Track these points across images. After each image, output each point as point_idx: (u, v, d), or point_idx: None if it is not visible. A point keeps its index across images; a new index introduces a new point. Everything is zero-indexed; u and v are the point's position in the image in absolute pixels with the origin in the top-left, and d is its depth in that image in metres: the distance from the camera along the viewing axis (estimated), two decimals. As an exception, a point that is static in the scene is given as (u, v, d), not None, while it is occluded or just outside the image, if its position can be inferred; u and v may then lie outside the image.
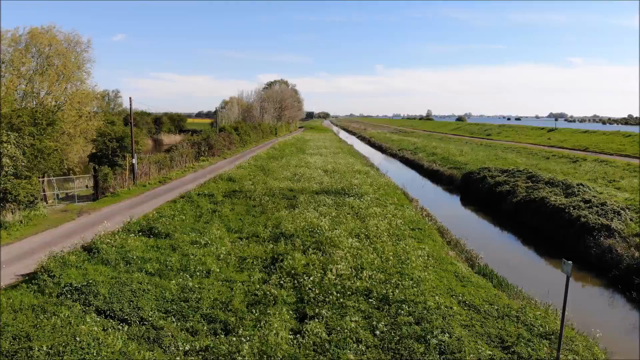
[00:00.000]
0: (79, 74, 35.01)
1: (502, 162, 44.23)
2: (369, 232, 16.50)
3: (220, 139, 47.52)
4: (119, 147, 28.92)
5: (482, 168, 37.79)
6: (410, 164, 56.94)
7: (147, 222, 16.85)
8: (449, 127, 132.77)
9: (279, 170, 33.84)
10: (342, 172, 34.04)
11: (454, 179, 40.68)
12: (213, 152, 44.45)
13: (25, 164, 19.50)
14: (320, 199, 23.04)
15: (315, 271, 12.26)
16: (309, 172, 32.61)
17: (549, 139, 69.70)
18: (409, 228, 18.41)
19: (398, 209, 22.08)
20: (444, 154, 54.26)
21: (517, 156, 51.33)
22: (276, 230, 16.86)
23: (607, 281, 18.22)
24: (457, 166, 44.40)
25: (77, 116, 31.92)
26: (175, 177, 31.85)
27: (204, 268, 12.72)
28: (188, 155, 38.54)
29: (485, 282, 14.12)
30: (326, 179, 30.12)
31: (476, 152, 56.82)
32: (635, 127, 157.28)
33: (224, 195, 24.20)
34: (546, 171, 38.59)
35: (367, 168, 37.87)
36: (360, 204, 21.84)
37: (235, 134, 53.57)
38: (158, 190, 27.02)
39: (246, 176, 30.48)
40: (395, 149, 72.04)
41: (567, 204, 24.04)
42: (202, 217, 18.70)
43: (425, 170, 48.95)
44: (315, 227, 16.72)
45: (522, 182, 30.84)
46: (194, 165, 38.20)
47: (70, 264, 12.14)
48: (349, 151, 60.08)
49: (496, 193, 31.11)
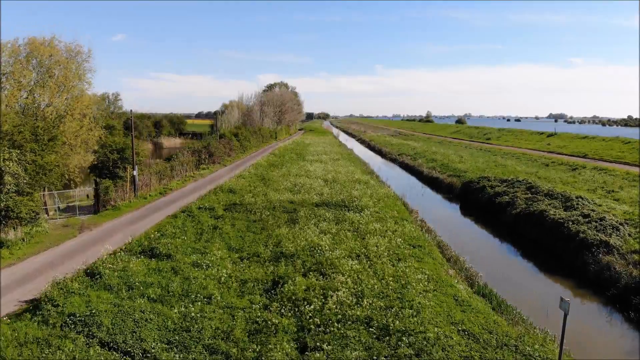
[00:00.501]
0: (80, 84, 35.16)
1: (501, 170, 44.37)
2: (369, 252, 16.61)
3: (221, 146, 47.61)
4: (120, 159, 29.02)
5: (481, 177, 37.92)
6: (410, 169, 57.08)
7: (148, 242, 16.95)
8: (449, 130, 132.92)
9: (279, 180, 33.94)
10: (342, 182, 34.15)
11: (454, 188, 40.81)
12: (214, 159, 44.55)
13: (27, 180, 19.59)
14: (320, 213, 23.15)
15: (316, 298, 12.37)
16: (309, 182, 32.71)
17: (548, 144, 69.84)
18: (409, 245, 18.52)
19: (398, 224, 22.18)
20: (443, 160, 54.40)
21: (517, 163, 51.47)
22: (277, 249, 16.96)
23: (605, 299, 18.33)
24: (456, 174, 44.54)
25: (79, 127, 32.03)
26: (176, 188, 31.95)
27: (205, 293, 12.82)
28: (189, 163, 38.64)
29: (485, 305, 14.24)
30: (326, 190, 30.22)
31: (476, 158, 56.95)
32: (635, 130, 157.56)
33: (224, 209, 24.30)
34: (545, 180, 38.75)
35: (367, 177, 37.98)
36: (360, 219, 21.94)
37: (235, 141, 53.68)
38: (159, 203, 27.11)
39: (246, 187, 30.57)
40: (395, 153, 72.19)
41: (566, 218, 24.16)
42: (203, 234, 18.80)
43: (425, 177, 49.10)
44: (315, 247, 16.83)
45: (522, 193, 30.97)
46: (195, 174, 38.30)
47: (73, 291, 12.25)
48: (349, 156, 60.21)
49: (495, 204, 31.25)
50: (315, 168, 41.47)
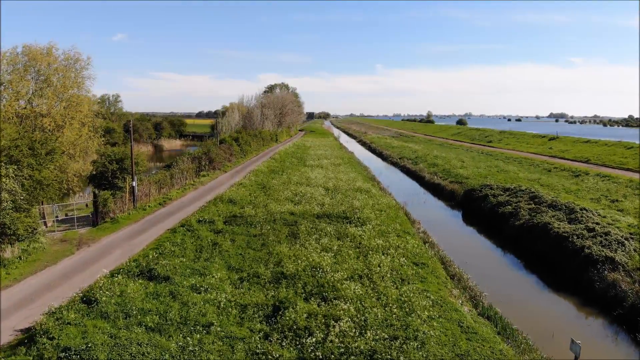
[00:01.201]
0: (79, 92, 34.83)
1: (503, 177, 44.06)
2: (371, 272, 16.30)
3: (221, 151, 47.30)
4: (119, 169, 28.72)
5: (484, 185, 37.60)
6: (412, 174, 56.78)
7: (146, 262, 16.64)
8: (450, 131, 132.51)
9: (280, 189, 33.64)
10: (343, 190, 33.85)
11: (456, 195, 40.51)
12: (214, 165, 44.25)
13: (24, 196, 19.30)
14: (321, 227, 22.86)
15: (317, 328, 12.08)
16: (310, 192, 32.41)
17: (550, 148, 69.51)
18: (413, 263, 18.22)
19: (401, 238, 21.89)
20: (445, 165, 54.06)
21: (519, 168, 51.16)
22: (277, 269, 16.66)
23: (611, 319, 18.04)
24: (458, 180, 44.23)
25: (77, 136, 31.75)
26: (175, 197, 31.65)
27: (204, 321, 12.53)
28: (189, 171, 38.35)
29: (490, 331, 13.95)
30: (327, 200, 29.93)
31: (477, 162, 56.64)
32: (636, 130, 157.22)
33: (224, 222, 24.01)
34: (548, 188, 38.45)
35: (369, 185, 37.67)
36: (363, 234, 21.64)
37: (235, 145, 53.37)
38: (158, 215, 26.82)
39: (247, 197, 30.27)
40: (396, 157, 71.88)
41: (570, 232, 23.85)
42: (203, 252, 18.50)
43: (426, 183, 48.78)
44: (317, 267, 16.53)
45: (525, 204, 30.66)
46: (195, 181, 38.00)
47: (69, 321, 11.96)
48: (350, 161, 59.88)
49: (498, 214, 30.94)
50: (316, 175, 41.17)
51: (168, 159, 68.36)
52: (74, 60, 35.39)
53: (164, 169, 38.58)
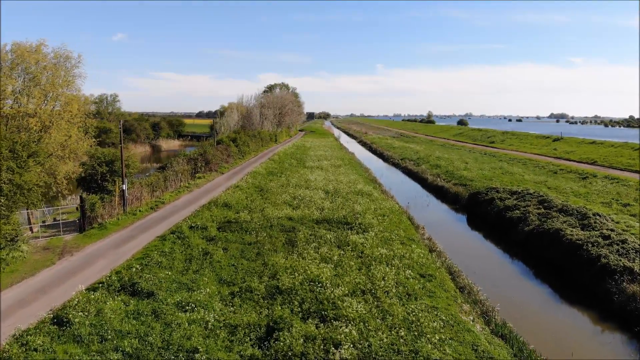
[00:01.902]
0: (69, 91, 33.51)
1: (509, 179, 42.75)
2: (375, 287, 14.98)
3: (218, 152, 45.96)
4: (109, 172, 27.41)
5: (489, 188, 36.25)
6: (414, 176, 55.44)
7: (129, 275, 15.30)
8: (451, 132, 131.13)
9: (278, 192, 32.33)
10: (344, 193, 32.53)
11: (460, 198, 39.18)
12: (210, 167, 42.93)
13: (3, 202, 17.98)
14: (321, 234, 21.56)
15: (315, 355, 10.74)
16: (310, 195, 31.11)
17: (554, 149, 68.18)
18: (419, 275, 16.91)
19: (406, 246, 20.59)
20: (448, 166, 52.71)
21: (523, 170, 49.85)
22: (272, 282, 15.34)
23: (631, 335, 16.74)
24: (462, 182, 42.90)
25: (66, 137, 30.41)
26: (168, 201, 30.32)
27: (189, 345, 11.20)
28: (184, 173, 37.02)
29: (507, 353, 12.63)
30: (327, 204, 28.63)
31: (481, 164, 55.31)
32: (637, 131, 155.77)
33: (218, 228, 22.70)
34: (556, 191, 37.14)
35: (370, 187, 36.34)
36: (365, 242, 20.32)
37: (233, 146, 52.02)
38: (149, 220, 25.49)
39: (243, 201, 28.96)
40: (397, 158, 70.52)
41: (584, 240, 22.51)
42: (192, 263, 17.17)
43: (429, 185, 47.44)
44: (315, 280, 15.21)
45: (534, 208, 29.33)
46: (190, 184, 36.67)
47: (36, 347, 10.64)
48: (350, 162, 58.56)
49: (506, 219, 29.61)
50: (316, 177, 39.86)
51: (166, 160, 67.09)
52: (64, 58, 34.02)
53: (159, 170, 37.27)
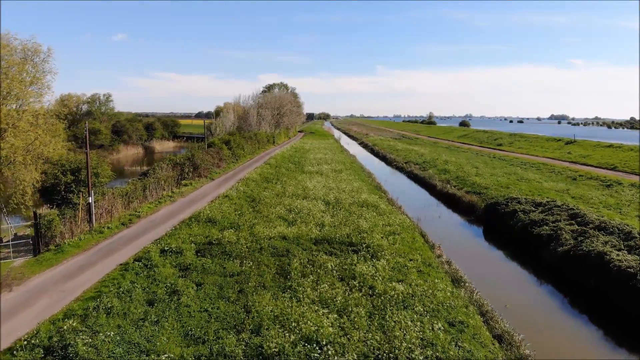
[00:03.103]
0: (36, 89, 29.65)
1: (527, 187, 38.90)
2: (394, 349, 11.10)
3: (209, 156, 42.05)
4: (75, 181, 23.54)
5: (509, 198, 32.36)
6: (420, 181, 51.56)
7: (60, 336, 11.34)
8: (455, 133, 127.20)
9: (271, 203, 28.47)
10: (346, 205, 28.67)
11: (475, 208, 35.31)
12: (199, 172, 39.05)
13: None
14: (320, 260, 17.73)
15: None
16: (308, 207, 27.26)
17: (569, 152, 64.28)
18: (447, 324, 13.07)
19: (424, 278, 16.78)
20: (457, 172, 48.81)
21: (540, 176, 45.99)
22: (255, 340, 11.47)
23: None
24: (475, 190, 39.05)
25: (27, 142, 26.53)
26: (145, 214, 26.42)
27: None
28: (167, 180, 33.13)
29: None
30: (328, 219, 24.80)
31: (492, 168, 51.47)
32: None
33: (196, 251, 18.85)
34: (581, 200, 33.31)
35: (376, 197, 32.47)
36: (375, 272, 16.48)
37: (226, 149, 48.09)
38: (116, 240, 21.58)
39: (230, 214, 25.10)
40: (401, 161, 66.63)
41: (637, 268, 18.67)
42: (154, 307, 13.28)
43: (438, 192, 43.55)
44: (312, 339, 11.34)
45: (566, 224, 25.48)
46: (174, 192, 32.75)
47: None
48: (352, 166, 54.72)
49: (533, 235, 25.77)
50: (315, 184, 36.00)
51: (159, 162, 63.33)
52: (32, 52, 30.32)
53: (140, 177, 33.39)
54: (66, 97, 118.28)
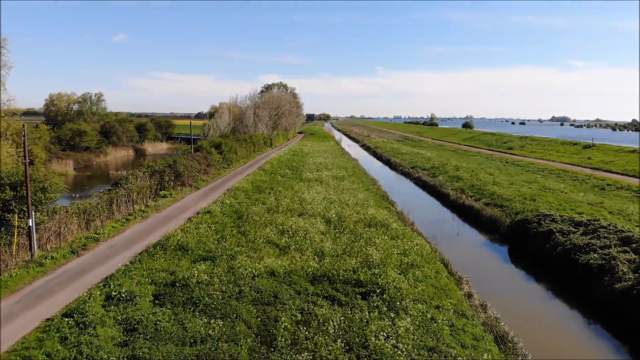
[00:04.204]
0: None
1: (554, 198, 34.25)
2: None
3: (194, 162, 37.36)
4: (15, 197, 18.88)
5: (541, 215, 27.67)
6: (429, 188, 46.88)
7: None
8: (460, 136, 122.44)
9: (261, 221, 23.83)
10: (351, 224, 24.02)
11: (497, 224, 30.64)
12: (182, 180, 34.38)
13: None
14: (319, 316, 13.10)
15: None
16: (305, 227, 22.62)
17: (588, 158, 59.59)
18: None
19: (461, 343, 12.14)
20: (471, 179, 44.11)
21: (564, 185, 41.35)
22: None
23: None
24: (496, 202, 34.38)
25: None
26: (106, 237, 21.69)
27: None
28: (142, 191, 28.45)
29: None
30: (328, 244, 20.16)
31: (510, 176, 46.84)
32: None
33: (154, 297, 14.21)
34: (622, 216, 28.60)
35: (385, 213, 27.82)
36: (397, 340, 11.81)
37: (215, 154, 43.36)
38: (58, 277, 16.85)
39: (208, 238, 20.43)
40: (407, 166, 61.94)
41: None
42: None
43: (452, 203, 38.87)
44: None
45: (618, 251, 20.81)
46: (148, 206, 28.01)
47: None
48: (355, 172, 50.06)
49: (578, 265, 21.15)
50: (314, 196, 31.35)
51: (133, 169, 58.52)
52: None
53: (110, 188, 28.74)
54: (56, 97, 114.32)
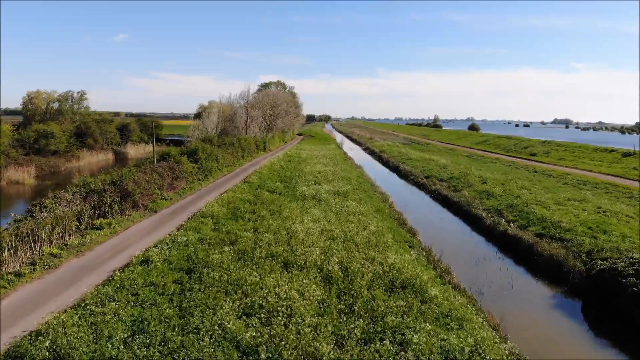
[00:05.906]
0: None
1: (628, 229, 25.68)
2: None
3: (154, 176, 28.60)
4: None
5: (631, 261, 19.03)
6: (451, 205, 38.26)
7: None
8: (471, 139, 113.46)
9: (222, 282, 15.18)
10: (364, 289, 15.33)
11: (562, 266, 22.00)
12: (134, 200, 25.68)
13: None
14: None
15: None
16: (290, 295, 13.98)
17: (634, 168, 50.83)
18: None
19: None
20: (506, 196, 35.44)
21: (624, 206, 32.60)
22: None
23: None
24: (551, 232, 25.74)
25: None
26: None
27: None
28: (61, 222, 19.74)
29: None
30: (326, 348, 11.51)
31: (544, 188, 38.26)
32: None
33: None
34: None
35: (411, 258, 19.15)
36: None
37: (187, 163, 34.57)
38: None
39: (117, 331, 11.77)
40: (420, 175, 53.22)
41: None
42: None
43: (487, 229, 30.21)
44: None
45: None
46: (67, 246, 19.22)
47: None
48: (361, 184, 41.42)
49: None
50: (309, 227, 22.67)
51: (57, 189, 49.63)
52: None
53: (21, 217, 20.07)
54: (34, 94, 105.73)
